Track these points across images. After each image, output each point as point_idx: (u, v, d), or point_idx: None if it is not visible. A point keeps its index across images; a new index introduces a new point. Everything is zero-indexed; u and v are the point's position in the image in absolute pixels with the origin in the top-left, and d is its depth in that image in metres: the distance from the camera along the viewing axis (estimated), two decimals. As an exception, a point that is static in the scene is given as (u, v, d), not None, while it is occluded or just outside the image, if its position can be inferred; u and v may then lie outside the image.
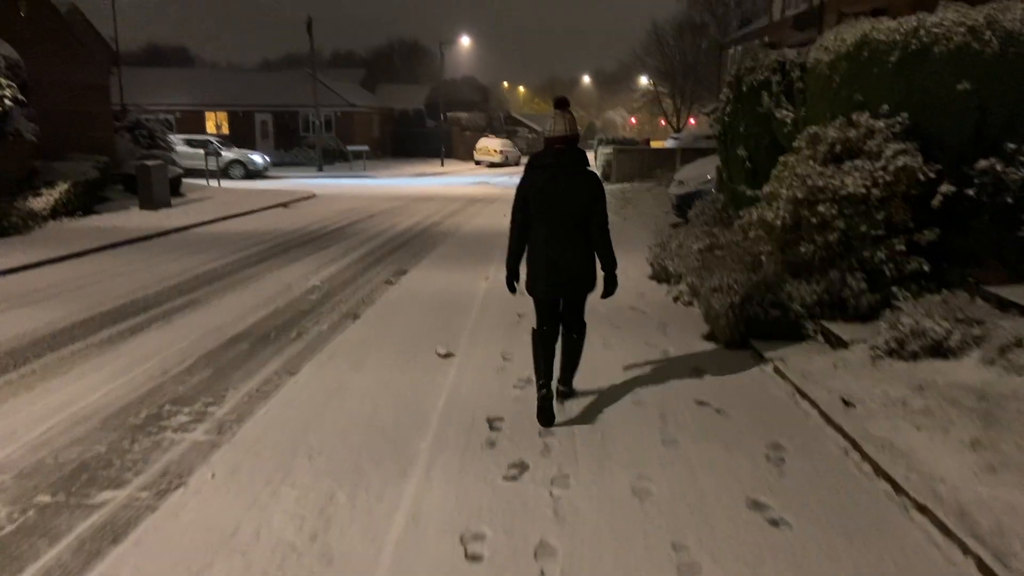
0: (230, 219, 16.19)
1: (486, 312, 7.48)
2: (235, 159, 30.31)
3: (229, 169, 29.82)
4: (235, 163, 30.21)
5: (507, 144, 45.14)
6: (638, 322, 6.88)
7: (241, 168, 30.16)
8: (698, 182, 12.43)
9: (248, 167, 30.29)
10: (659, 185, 19.02)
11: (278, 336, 6.78)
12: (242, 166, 30.21)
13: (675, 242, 8.43)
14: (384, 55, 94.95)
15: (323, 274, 9.80)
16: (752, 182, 7.68)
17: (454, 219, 16.62)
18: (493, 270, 9.93)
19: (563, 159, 4.46)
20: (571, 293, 4.70)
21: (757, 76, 7.57)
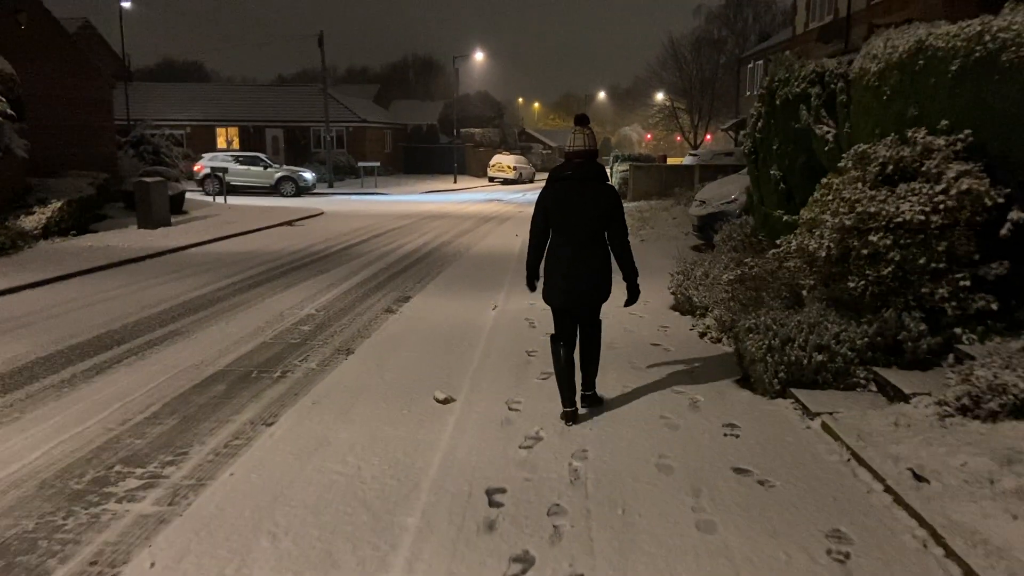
0: (231, 239, 15.61)
1: (493, 348, 6.78)
2: (286, 175, 29.66)
3: (280, 186, 29.35)
4: (286, 179, 29.60)
5: (521, 160, 44.60)
6: (662, 362, 6.14)
7: (292, 185, 29.47)
8: (721, 202, 11.71)
9: (299, 184, 29.60)
10: (678, 204, 18.30)
11: (260, 376, 6.10)
12: (293, 183, 29.51)
13: (700, 270, 7.70)
14: (399, 71, 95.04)
15: (320, 301, 9.14)
16: (787, 205, 6.94)
17: (464, 239, 15.97)
18: (503, 297, 9.24)
19: (582, 172, 4.65)
20: (587, 303, 4.86)
21: (792, 88, 6.86)
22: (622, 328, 7.23)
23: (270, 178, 29.35)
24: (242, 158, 29.88)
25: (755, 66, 32.45)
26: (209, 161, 28.95)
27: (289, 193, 29.21)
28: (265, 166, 29.63)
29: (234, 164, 29.00)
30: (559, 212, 4.62)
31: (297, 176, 29.69)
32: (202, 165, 28.81)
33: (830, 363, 5.02)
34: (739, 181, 12.08)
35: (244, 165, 29.36)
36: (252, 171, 29.27)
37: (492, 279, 10.69)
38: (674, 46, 46.90)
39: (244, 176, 29.06)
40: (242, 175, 29.01)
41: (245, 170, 29.18)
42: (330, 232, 17.06)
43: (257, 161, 29.83)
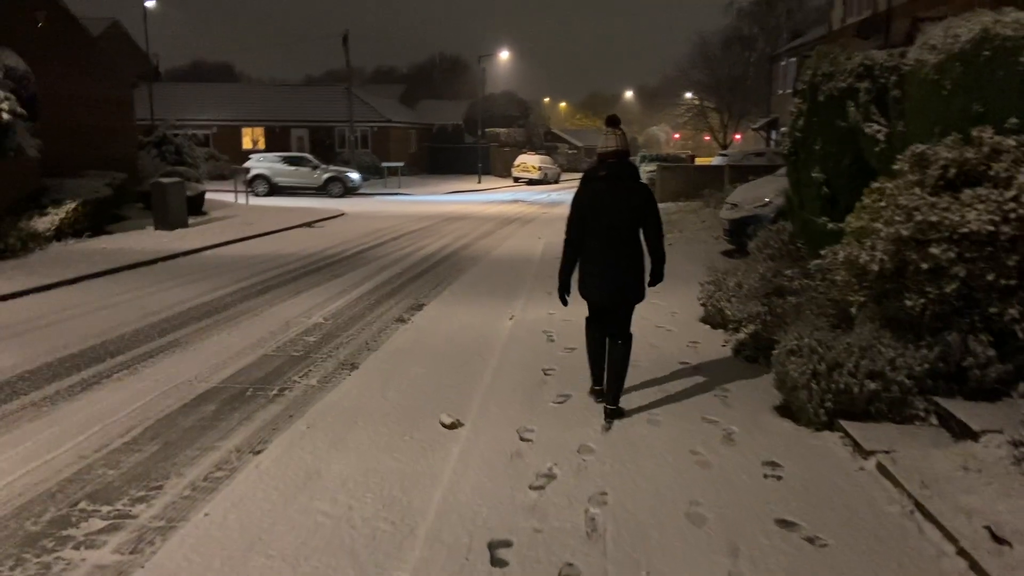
0: (248, 240, 15.29)
1: (506, 363, 6.26)
2: (334, 176, 29.35)
3: (328, 186, 29.09)
4: (334, 180, 29.24)
5: (547, 160, 44.06)
6: (691, 384, 5.58)
7: (340, 185, 29.22)
8: (754, 205, 11.09)
9: (346, 184, 29.31)
10: (707, 206, 17.65)
11: (255, 394, 5.65)
12: (341, 183, 29.24)
13: (733, 280, 7.12)
14: (425, 71, 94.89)
15: (329, 308, 8.70)
16: (830, 211, 6.35)
17: (484, 242, 15.49)
18: (520, 306, 8.72)
19: (616, 172, 4.74)
20: (620, 301, 4.89)
21: (837, 83, 6.27)
22: (648, 343, 6.68)
23: (318, 179, 29.03)
24: (290, 159, 29.62)
25: (788, 64, 31.59)
26: (257, 162, 28.78)
27: (337, 194, 28.82)
28: (313, 167, 29.36)
29: (281, 165, 28.82)
30: (594, 211, 4.72)
31: (344, 177, 29.38)
32: (250, 166, 28.64)
33: (884, 392, 4.44)
34: (773, 183, 11.45)
35: (292, 166, 29.12)
36: (300, 172, 29.02)
37: (511, 285, 10.19)
38: (704, 44, 46.05)
39: (292, 177, 28.87)
40: (290, 176, 28.82)
41: (293, 171, 28.96)
42: (348, 234, 16.68)
43: (304, 162, 29.55)
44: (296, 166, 29.15)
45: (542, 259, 12.66)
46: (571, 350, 6.57)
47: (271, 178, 28.42)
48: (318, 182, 29.02)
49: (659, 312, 8.03)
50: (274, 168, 28.59)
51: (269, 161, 29.05)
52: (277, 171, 28.60)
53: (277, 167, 28.67)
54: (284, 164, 29.05)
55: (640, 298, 4.91)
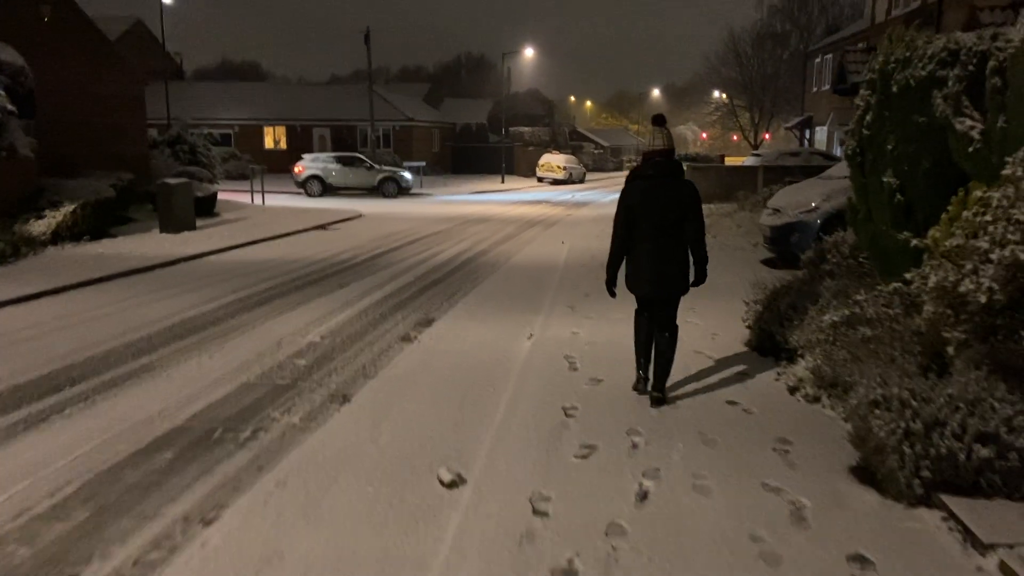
0: (257, 244, 14.54)
1: (522, 398, 5.35)
2: (388, 176, 28.76)
3: (383, 187, 28.45)
4: (389, 180, 28.65)
5: (571, 160, 43.08)
6: (742, 433, 4.63)
7: (395, 185, 28.64)
8: (799, 211, 10.07)
9: (400, 184, 28.78)
10: (742, 209, 16.61)
11: (224, 436, 4.81)
12: (395, 183, 28.65)
13: (785, 300, 6.15)
14: (451, 70, 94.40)
15: (328, 325, 7.86)
16: (904, 222, 5.36)
17: (505, 247, 14.60)
18: (540, 323, 7.82)
19: (662, 170, 4.89)
20: (667, 292, 5.07)
21: (915, 71, 5.28)
22: (687, 373, 5.74)
23: (372, 179, 28.52)
24: (343, 159, 29.07)
25: (823, 61, 30.32)
26: (311, 163, 28.28)
27: (392, 194, 28.38)
28: (368, 167, 28.82)
29: (336, 165, 28.34)
30: (643, 208, 4.88)
31: (399, 176, 28.83)
32: (303, 167, 28.15)
33: (999, 460, 3.47)
34: (820, 186, 10.42)
35: (346, 166, 28.59)
36: (355, 172, 28.49)
37: (531, 298, 9.28)
38: (735, 41, 44.76)
39: (346, 177, 28.36)
40: (344, 176, 28.31)
41: (347, 171, 28.47)
42: (362, 237, 15.88)
43: (357, 162, 29.02)
44: (350, 166, 28.61)
45: (565, 267, 11.74)
46: (596, 382, 5.65)
47: (325, 179, 27.86)
48: (372, 182, 28.50)
49: (697, 333, 7.08)
50: (328, 168, 28.05)
51: (323, 161, 28.51)
52: (331, 172, 28.07)
53: (331, 167, 28.15)
54: (338, 164, 28.48)
55: (684, 291, 5.12)
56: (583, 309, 8.53)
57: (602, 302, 8.89)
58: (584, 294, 9.37)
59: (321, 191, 27.89)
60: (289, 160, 39.45)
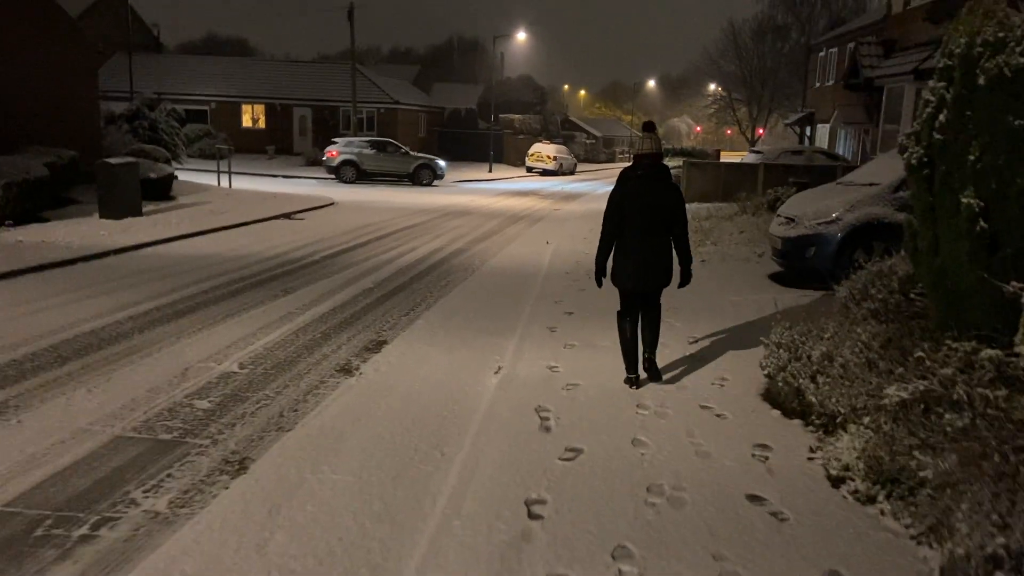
0: (207, 234, 13.09)
1: (475, 481, 4.01)
2: (424, 163, 27.70)
3: (419, 174, 27.42)
4: (424, 167, 27.57)
5: (562, 150, 41.61)
6: (774, 559, 3.29)
7: (430, 173, 27.62)
8: (817, 220, 8.75)
9: (436, 172, 27.75)
10: (743, 212, 15.27)
11: (49, 535, 3.43)
12: (431, 171, 27.63)
13: (817, 347, 4.82)
14: (443, 53, 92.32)
15: (255, 347, 6.48)
16: (988, 257, 4.04)
17: (484, 244, 13.22)
18: (512, 350, 6.48)
19: (651, 172, 5.28)
20: (652, 286, 5.41)
21: (1014, 58, 3.94)
22: (692, 447, 4.40)
23: (408, 166, 27.43)
24: (376, 143, 27.93)
25: (828, 55, 28.97)
26: (344, 147, 27.09)
27: (427, 181, 27.45)
28: (403, 153, 27.77)
29: (370, 150, 27.18)
30: (632, 207, 5.23)
31: (434, 164, 27.79)
32: (337, 151, 26.93)
33: None
34: (841, 194, 9.10)
35: (380, 152, 27.45)
36: (391, 158, 27.37)
37: (505, 313, 7.94)
38: (734, 32, 43.35)
39: (381, 163, 27.21)
40: (379, 162, 27.19)
41: (382, 157, 27.31)
42: (329, 230, 14.45)
43: (391, 147, 27.87)
44: (384, 152, 27.49)
45: (548, 274, 10.39)
46: (575, 455, 4.31)
47: (360, 164, 26.69)
48: (408, 169, 27.40)
49: (703, 376, 5.75)
50: (363, 154, 26.87)
51: (357, 146, 27.27)
52: (365, 157, 26.86)
53: (366, 153, 26.98)
54: (372, 150, 27.33)
55: (668, 282, 5.44)
56: (564, 331, 7.20)
57: (586, 322, 7.58)
58: (566, 311, 8.04)
59: (355, 177, 26.75)
60: (268, 140, 37.85)
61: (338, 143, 27.66)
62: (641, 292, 5.42)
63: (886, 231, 8.39)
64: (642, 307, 5.52)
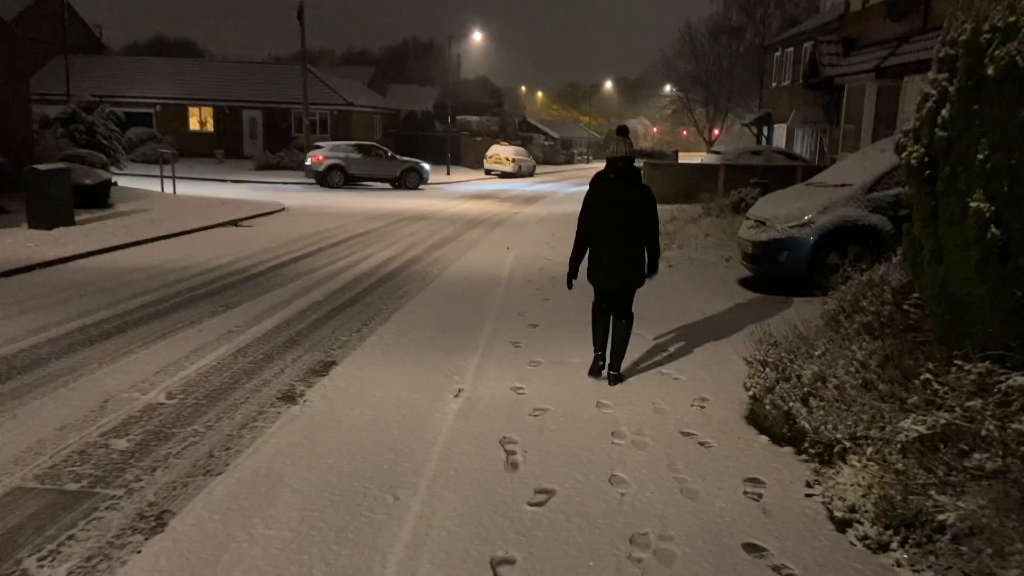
0: (146, 244, 12.29)
1: (430, 539, 3.47)
2: (411, 167, 27.63)
3: (405, 177, 27.27)
4: (411, 171, 27.49)
5: (521, 152, 41.17)
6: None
7: (416, 176, 27.57)
8: (790, 224, 8.39)
9: (422, 175, 27.79)
10: (707, 215, 14.96)
11: (-91, 626, 2.81)
12: (418, 174, 27.58)
13: (808, 366, 4.38)
14: (398, 55, 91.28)
15: (187, 372, 5.84)
16: (1000, 266, 3.64)
17: (443, 251, 12.66)
18: (473, 370, 5.96)
19: (623, 175, 5.43)
20: (623, 285, 5.50)
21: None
22: (678, 485, 3.91)
23: (395, 170, 27.27)
24: (362, 147, 27.49)
25: (784, 55, 29.03)
26: (331, 152, 26.47)
27: (414, 185, 27.43)
28: (389, 156, 27.62)
29: (356, 155, 26.74)
30: (605, 208, 5.39)
31: (420, 168, 27.80)
32: (323, 156, 26.20)
33: None
34: (813, 195, 8.76)
35: (366, 156, 27.01)
36: (378, 162, 27.06)
37: (466, 326, 7.41)
38: (691, 33, 43.43)
39: (368, 167, 26.82)
40: (366, 166, 26.78)
41: (369, 161, 26.88)
42: (277, 238, 13.73)
43: (376, 151, 27.68)
44: (370, 156, 27.13)
45: (510, 282, 9.88)
46: (546, 496, 3.80)
47: (347, 169, 26.17)
48: (395, 173, 27.25)
49: (680, 395, 5.29)
50: (349, 158, 26.35)
51: (343, 151, 26.68)
52: (352, 161, 26.37)
53: (352, 157, 26.46)
54: (359, 154, 26.81)
55: (640, 284, 5.55)
56: (530, 346, 6.70)
57: (552, 336, 7.09)
58: (530, 324, 7.54)
59: (342, 181, 26.26)
60: (216, 143, 36.65)
61: (323, 147, 27.02)
62: (614, 290, 5.53)
63: (861, 234, 8.07)
64: (614, 312, 5.58)
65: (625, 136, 5.47)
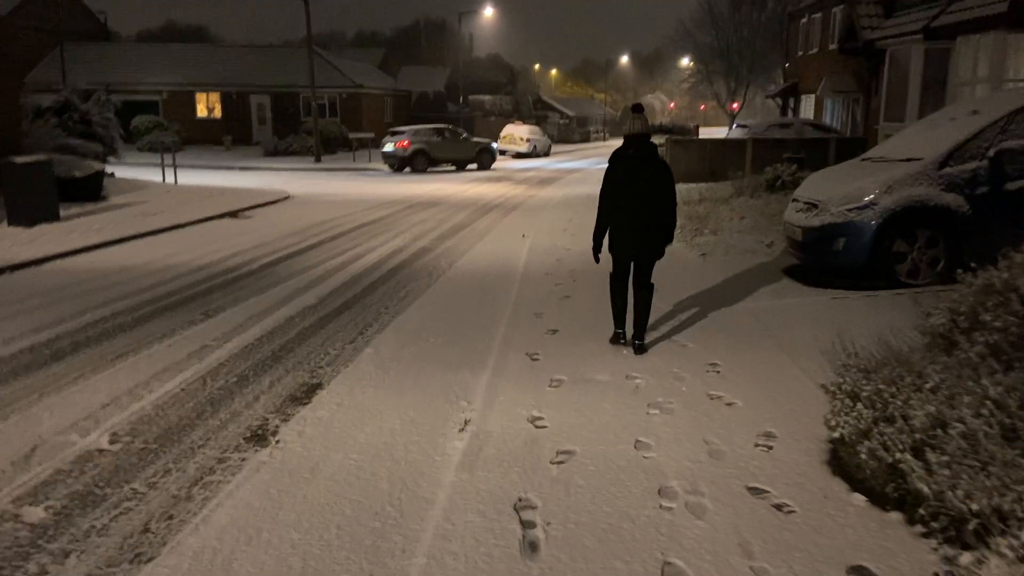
0: (133, 240, 11.41)
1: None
2: (485, 147, 28.42)
3: (480, 158, 27.96)
4: (485, 151, 28.18)
5: (536, 132, 39.89)
6: None
7: (490, 156, 28.42)
8: (847, 206, 7.28)
9: (493, 155, 28.83)
10: (739, 194, 13.79)
11: None
12: (490, 155, 28.46)
13: (919, 407, 3.32)
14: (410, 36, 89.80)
15: (142, 404, 4.89)
16: None
17: (452, 242, 11.65)
18: (483, 392, 4.97)
19: (641, 151, 5.60)
20: (644, 256, 5.73)
21: None
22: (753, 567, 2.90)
23: (471, 151, 27.84)
24: (439, 131, 27.54)
25: (810, 20, 27.55)
26: (414, 136, 26.46)
27: (487, 165, 28.18)
28: (464, 138, 28.04)
29: (436, 138, 27.00)
30: (625, 183, 5.59)
31: (492, 148, 28.84)
32: (408, 141, 26.31)
33: None
34: (873, 172, 7.63)
35: (444, 139, 27.20)
36: (456, 144, 27.47)
37: (475, 333, 6.43)
38: (710, 2, 41.73)
39: (448, 151, 27.21)
40: (446, 149, 27.11)
41: (447, 143, 27.17)
42: (277, 230, 12.80)
43: (452, 133, 27.80)
44: (446, 138, 27.32)
45: (525, 276, 8.87)
46: (578, 601, 2.79)
47: (430, 152, 26.45)
48: (471, 154, 27.83)
49: (740, 431, 4.25)
50: (431, 142, 26.58)
51: (424, 135, 26.77)
52: (434, 145, 26.62)
53: (433, 140, 26.69)
54: (438, 137, 27.03)
55: (661, 255, 5.79)
56: (549, 358, 5.71)
57: (575, 344, 6.08)
58: (549, 329, 6.54)
59: (427, 165, 26.52)
60: (224, 130, 35.77)
61: (405, 132, 26.92)
62: (635, 262, 5.76)
63: (933, 216, 6.95)
64: (634, 283, 5.81)
65: (640, 113, 5.69)
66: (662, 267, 6.22)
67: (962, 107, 8.19)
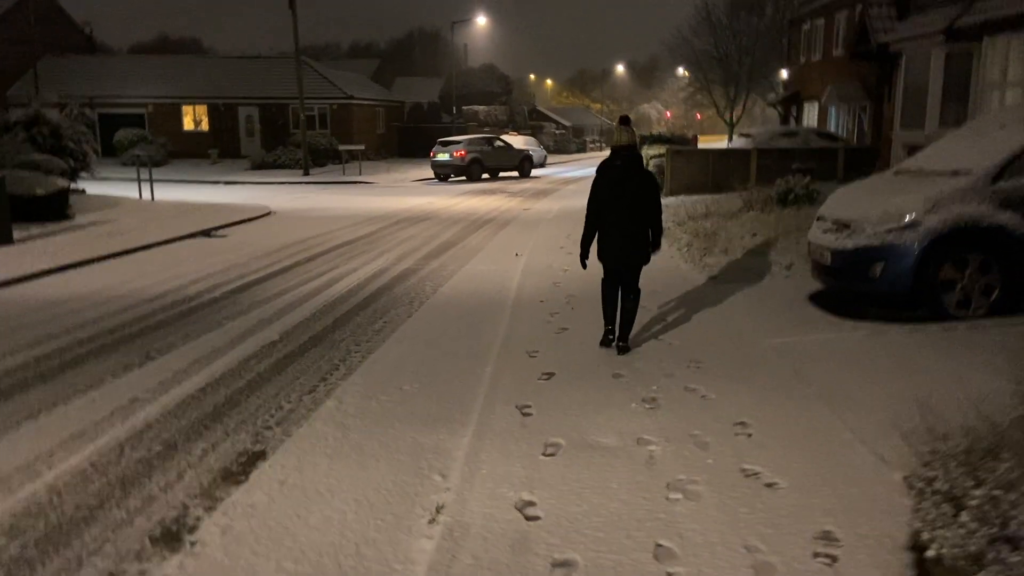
0: (89, 264, 10.44)
1: None
2: (528, 155, 29.85)
3: (522, 165, 29.28)
4: (526, 160, 29.55)
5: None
6: None
7: (530, 164, 29.82)
8: (886, 226, 6.32)
9: (535, 163, 30.45)
10: (748, 208, 12.83)
11: None
12: (531, 162, 29.86)
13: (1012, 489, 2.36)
14: (404, 47, 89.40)
15: (35, 486, 3.93)
16: None
17: (439, 261, 10.71)
18: (461, 462, 4.00)
19: (627, 162, 5.84)
20: (631, 263, 5.94)
21: None
22: None
23: (516, 159, 29.21)
24: (487, 140, 29.17)
25: (812, 27, 26.72)
26: (468, 146, 27.66)
27: (527, 172, 29.47)
28: (507, 147, 29.26)
29: (487, 147, 28.40)
30: (612, 193, 5.80)
31: (532, 157, 30.31)
32: (465, 151, 27.37)
33: None
34: (913, 187, 6.68)
35: (493, 148, 28.62)
36: (504, 153, 28.89)
37: (457, 377, 5.48)
38: (707, 8, 41.01)
39: (497, 159, 28.55)
40: (495, 158, 28.45)
41: (496, 152, 28.54)
42: (251, 250, 11.85)
43: (497, 142, 29.11)
44: (494, 147, 28.67)
45: (517, 302, 7.93)
46: None
47: (484, 162, 27.68)
48: (515, 162, 29.17)
49: (789, 531, 3.27)
50: (484, 151, 27.93)
51: (477, 144, 28.12)
52: (487, 154, 27.98)
53: (485, 150, 28.08)
54: (488, 146, 28.45)
55: (646, 262, 5.99)
56: (543, 413, 4.76)
57: (574, 389, 5.12)
58: (544, 372, 5.58)
59: (481, 173, 27.67)
60: (211, 143, 34.81)
61: (460, 142, 27.86)
62: (622, 269, 5.95)
63: (986, 238, 6.01)
64: (622, 288, 5.99)
65: (627, 125, 5.91)
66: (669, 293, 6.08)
67: (1013, 112, 7.27)
